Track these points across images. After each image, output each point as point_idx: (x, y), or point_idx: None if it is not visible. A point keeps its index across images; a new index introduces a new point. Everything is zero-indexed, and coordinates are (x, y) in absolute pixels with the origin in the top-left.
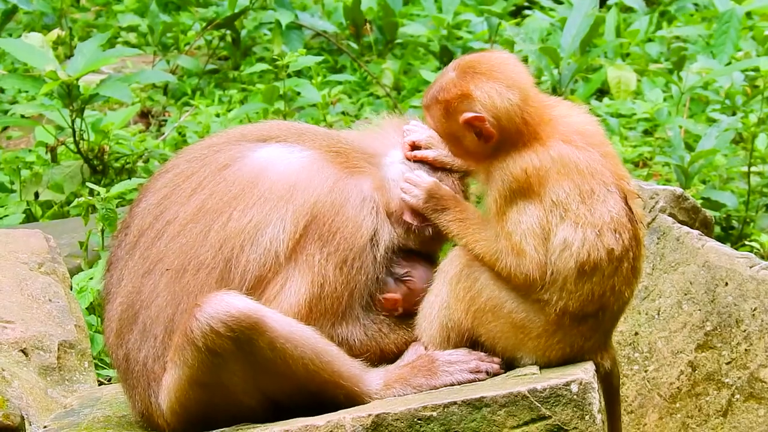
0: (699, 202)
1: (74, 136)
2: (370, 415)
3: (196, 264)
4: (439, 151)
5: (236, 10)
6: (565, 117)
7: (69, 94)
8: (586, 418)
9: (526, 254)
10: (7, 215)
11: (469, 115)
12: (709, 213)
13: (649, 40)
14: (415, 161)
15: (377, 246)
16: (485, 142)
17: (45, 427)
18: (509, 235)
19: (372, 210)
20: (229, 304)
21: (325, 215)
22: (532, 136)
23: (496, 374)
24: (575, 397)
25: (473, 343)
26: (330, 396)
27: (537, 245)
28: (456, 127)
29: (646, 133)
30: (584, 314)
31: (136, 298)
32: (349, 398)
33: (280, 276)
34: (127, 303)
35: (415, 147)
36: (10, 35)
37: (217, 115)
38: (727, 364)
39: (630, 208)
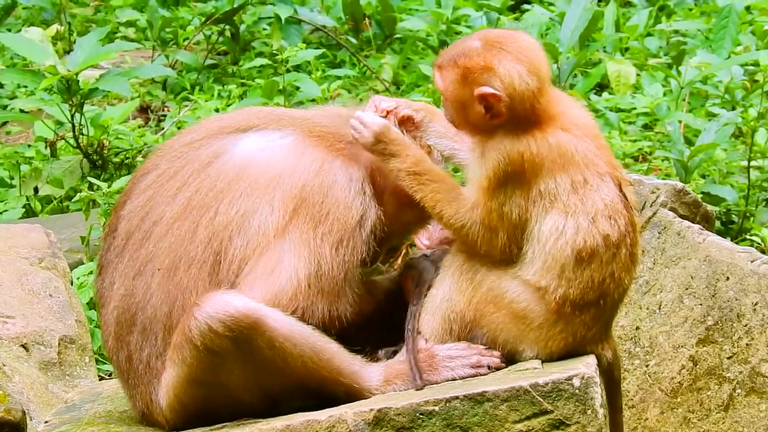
0: (699, 197)
1: (74, 131)
2: (371, 409)
3: (186, 260)
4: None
5: (235, 5)
6: (567, 112)
7: (68, 89)
8: (588, 412)
9: (498, 235)
10: (6, 210)
11: (486, 89)
12: (710, 207)
13: (649, 34)
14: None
15: (364, 227)
16: (491, 119)
17: (46, 422)
18: (490, 211)
19: (360, 191)
20: (227, 304)
21: (314, 197)
22: (534, 125)
23: (497, 368)
24: (577, 391)
25: (473, 337)
26: (330, 393)
27: (510, 233)
28: (467, 96)
29: (646, 127)
30: (585, 302)
31: (130, 301)
32: (350, 394)
33: (271, 253)
34: (123, 307)
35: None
36: (9, 30)
37: (217, 110)
38: (729, 358)
39: (624, 195)
